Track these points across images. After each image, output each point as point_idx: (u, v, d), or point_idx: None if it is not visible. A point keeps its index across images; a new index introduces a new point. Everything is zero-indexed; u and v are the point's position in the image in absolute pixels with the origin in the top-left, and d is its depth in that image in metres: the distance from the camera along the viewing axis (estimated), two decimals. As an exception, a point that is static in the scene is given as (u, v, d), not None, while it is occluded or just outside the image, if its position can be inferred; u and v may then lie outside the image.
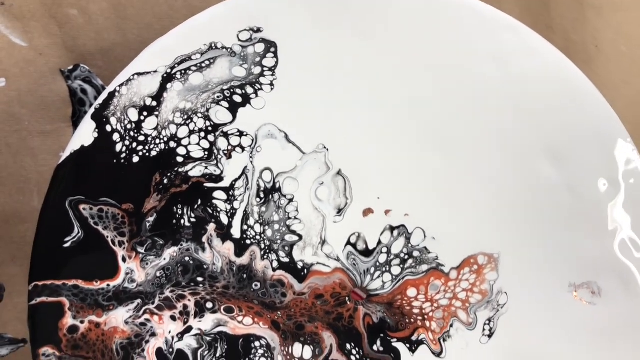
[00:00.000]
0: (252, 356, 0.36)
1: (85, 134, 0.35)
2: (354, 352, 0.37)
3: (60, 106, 0.50)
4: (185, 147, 0.36)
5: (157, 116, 0.36)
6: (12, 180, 0.52)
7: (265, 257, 0.36)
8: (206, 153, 0.36)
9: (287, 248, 0.36)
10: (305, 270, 0.36)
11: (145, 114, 0.35)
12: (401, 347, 0.37)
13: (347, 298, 0.36)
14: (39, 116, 0.51)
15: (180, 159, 0.36)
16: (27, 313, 0.35)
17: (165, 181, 0.36)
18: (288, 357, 0.37)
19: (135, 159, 0.36)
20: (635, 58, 0.52)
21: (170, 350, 0.36)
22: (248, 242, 0.36)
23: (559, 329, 0.37)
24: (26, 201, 0.50)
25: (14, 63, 0.49)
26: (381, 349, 0.37)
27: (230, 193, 0.36)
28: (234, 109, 0.36)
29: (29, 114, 0.51)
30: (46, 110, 0.51)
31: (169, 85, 0.36)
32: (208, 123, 0.36)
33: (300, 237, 0.36)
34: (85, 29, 0.46)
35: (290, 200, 0.36)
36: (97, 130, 0.35)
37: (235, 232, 0.36)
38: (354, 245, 0.37)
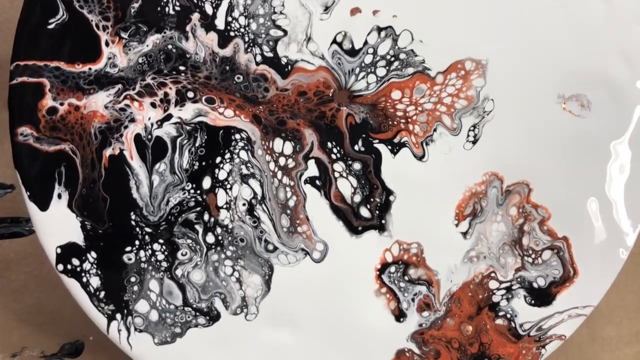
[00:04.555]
0: (232, 148, 0.36)
1: None
2: (335, 150, 0.36)
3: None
4: None
5: None
6: (7, 25, 0.52)
7: (249, 50, 0.36)
8: (194, -59, 0.36)
9: (271, 43, 0.36)
10: (289, 67, 0.36)
11: None
12: (383, 148, 0.36)
13: (330, 93, 0.36)
14: (37, -38, 0.50)
15: (167, -54, 0.35)
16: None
17: (151, -33, 0.35)
18: (268, 152, 0.36)
19: (122, -56, 0.35)
20: None
21: (149, 136, 0.36)
22: (232, 34, 0.36)
23: (544, 140, 0.37)
24: (20, 45, 0.50)
25: None
26: (362, 149, 0.36)
27: (216, -17, 0.36)
28: None
29: (27, -41, 0.50)
30: (44, -43, 0.50)
31: None
32: None
33: (285, 32, 0.36)
34: None
35: (277, -5, 0.36)
36: None
37: (220, 23, 0.36)
38: (340, 44, 0.36)
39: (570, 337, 0.53)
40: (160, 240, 0.36)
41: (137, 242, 0.36)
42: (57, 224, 0.35)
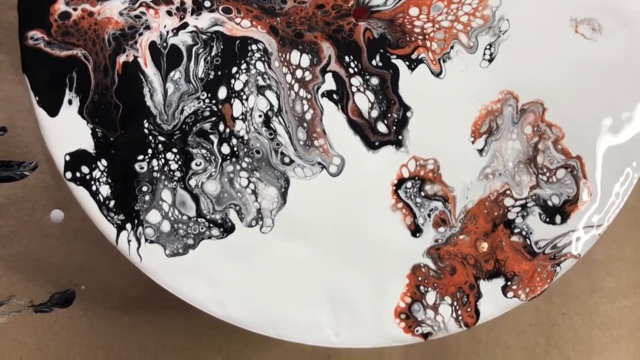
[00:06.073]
0: (248, 59, 0.35)
1: None
2: (352, 64, 0.36)
3: None
4: None
5: None
6: (6, -35, 0.51)
7: (268, -38, 0.35)
8: None
9: (289, -44, 0.36)
10: (307, -20, 0.36)
11: None
12: (400, 64, 0.36)
13: (349, 7, 0.36)
14: None
15: None
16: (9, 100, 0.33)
17: None
18: (285, 64, 0.36)
19: None
20: None
21: (164, 44, 0.35)
22: (251, -55, 0.35)
23: (557, 61, 0.37)
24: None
25: None
26: (380, 64, 0.36)
27: None
28: None
29: None
30: None
31: None
32: None
33: (304, -54, 0.36)
34: None
35: None
36: None
37: None
38: (358, -40, 0.36)
39: (570, 288, 0.53)
40: (174, 150, 0.35)
41: (149, 151, 0.35)
42: (67, 131, 0.34)
